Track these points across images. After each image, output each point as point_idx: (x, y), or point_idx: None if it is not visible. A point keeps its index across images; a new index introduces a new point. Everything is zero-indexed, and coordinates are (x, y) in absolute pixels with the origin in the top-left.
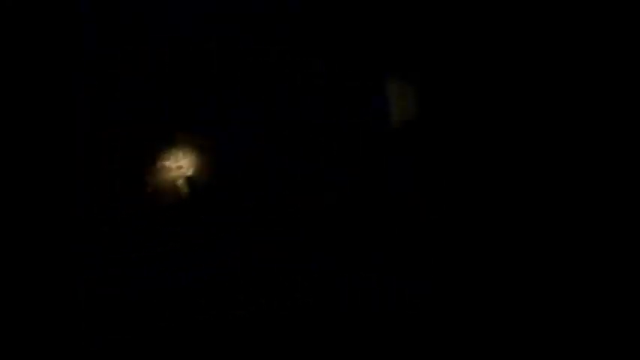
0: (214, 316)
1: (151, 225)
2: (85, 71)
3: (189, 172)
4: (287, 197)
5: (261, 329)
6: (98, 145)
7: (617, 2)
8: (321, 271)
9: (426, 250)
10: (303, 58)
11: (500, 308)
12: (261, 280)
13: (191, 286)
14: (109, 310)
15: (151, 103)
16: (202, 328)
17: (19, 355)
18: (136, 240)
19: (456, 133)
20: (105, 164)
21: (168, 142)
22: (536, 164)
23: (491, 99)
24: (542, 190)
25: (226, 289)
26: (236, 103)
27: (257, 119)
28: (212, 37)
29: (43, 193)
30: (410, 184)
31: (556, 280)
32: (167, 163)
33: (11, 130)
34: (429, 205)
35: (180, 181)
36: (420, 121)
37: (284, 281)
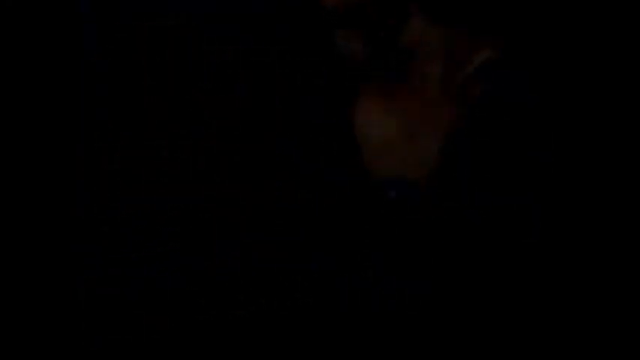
0: (214, 316)
1: (151, 225)
2: (85, 71)
3: None
4: (287, 197)
5: (261, 329)
6: (98, 145)
7: None
8: (321, 271)
9: (426, 250)
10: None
11: (500, 308)
12: (261, 280)
13: (191, 286)
14: (109, 310)
15: (150, 102)
16: (202, 328)
17: (19, 355)
18: (136, 240)
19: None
20: (105, 164)
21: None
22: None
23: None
24: (539, 188)
25: (226, 289)
26: (236, 102)
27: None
28: (213, 37)
29: (43, 193)
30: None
31: (556, 280)
32: None
33: (10, 130)
34: (430, 206)
35: None
36: None
37: (284, 281)
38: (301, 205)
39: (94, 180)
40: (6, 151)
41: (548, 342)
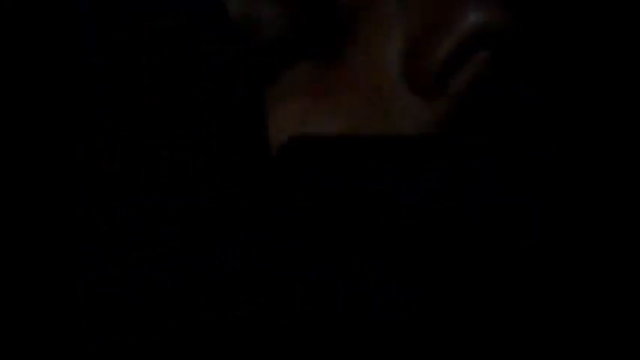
0: (214, 316)
1: (151, 225)
2: (85, 71)
3: None
4: (287, 197)
5: (261, 329)
6: (98, 145)
7: None
8: (320, 272)
9: (426, 255)
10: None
11: (501, 311)
12: (261, 281)
13: (191, 286)
14: (108, 310)
15: (150, 102)
16: (202, 328)
17: (19, 355)
18: (136, 240)
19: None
20: (105, 164)
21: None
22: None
23: None
24: (540, 191)
25: (226, 289)
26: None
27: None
28: (213, 37)
29: (43, 193)
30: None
31: (557, 280)
32: None
33: (10, 131)
34: (428, 211)
35: None
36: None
37: (284, 281)
38: (301, 207)
39: (94, 180)
40: (6, 151)
41: (548, 342)
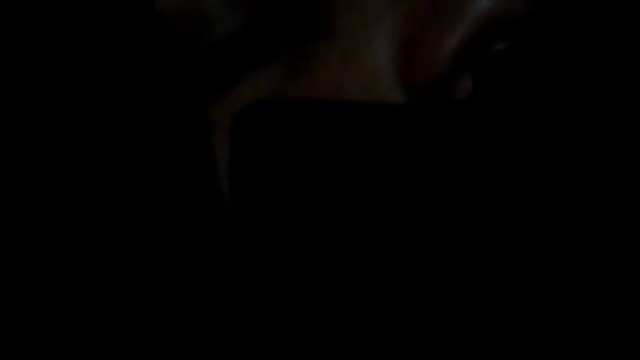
0: (214, 316)
1: (151, 225)
2: (84, 71)
3: None
4: (287, 195)
5: (261, 329)
6: (98, 144)
7: None
8: (321, 271)
9: (425, 249)
10: None
11: (500, 308)
12: (261, 280)
13: (191, 286)
14: (108, 310)
15: (150, 101)
16: (202, 328)
17: (19, 354)
18: (136, 240)
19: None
20: (105, 164)
21: (169, 140)
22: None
23: None
24: (540, 188)
25: (226, 289)
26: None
27: None
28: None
29: (43, 193)
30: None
31: (557, 279)
32: None
33: (11, 130)
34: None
35: None
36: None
37: (284, 281)
38: (301, 204)
39: (94, 180)
40: (6, 151)
41: (549, 342)
